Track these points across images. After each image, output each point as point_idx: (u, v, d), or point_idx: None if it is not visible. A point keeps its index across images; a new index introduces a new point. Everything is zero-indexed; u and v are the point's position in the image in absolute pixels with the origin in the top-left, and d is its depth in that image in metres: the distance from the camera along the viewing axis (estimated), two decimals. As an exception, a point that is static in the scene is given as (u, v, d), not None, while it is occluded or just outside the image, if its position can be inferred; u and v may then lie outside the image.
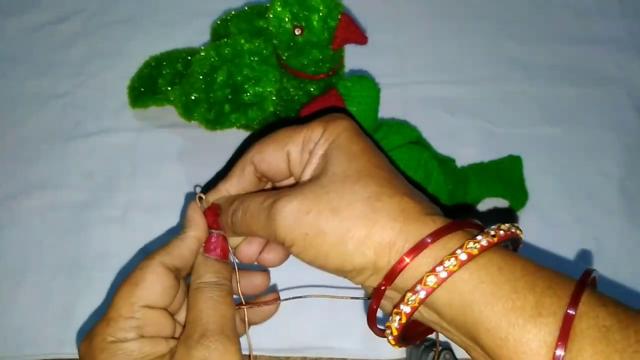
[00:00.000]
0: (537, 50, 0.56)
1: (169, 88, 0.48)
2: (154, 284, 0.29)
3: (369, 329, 0.29)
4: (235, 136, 0.49)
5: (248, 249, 0.32)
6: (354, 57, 0.56)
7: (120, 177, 0.49)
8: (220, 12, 0.56)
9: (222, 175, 0.33)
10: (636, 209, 0.47)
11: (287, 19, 0.41)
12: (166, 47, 0.53)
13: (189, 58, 0.49)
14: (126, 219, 0.47)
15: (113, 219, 0.47)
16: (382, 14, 0.59)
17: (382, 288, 0.26)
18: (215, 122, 0.45)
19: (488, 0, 0.60)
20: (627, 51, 0.56)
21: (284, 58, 0.43)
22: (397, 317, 0.26)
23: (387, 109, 0.52)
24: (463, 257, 0.24)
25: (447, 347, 0.39)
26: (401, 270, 0.25)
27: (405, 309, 0.26)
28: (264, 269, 0.34)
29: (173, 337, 0.30)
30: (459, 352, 0.40)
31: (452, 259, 0.24)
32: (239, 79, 0.44)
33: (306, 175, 0.29)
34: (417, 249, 0.25)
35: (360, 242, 0.26)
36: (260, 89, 0.44)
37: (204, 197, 0.32)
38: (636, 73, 0.55)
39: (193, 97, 0.45)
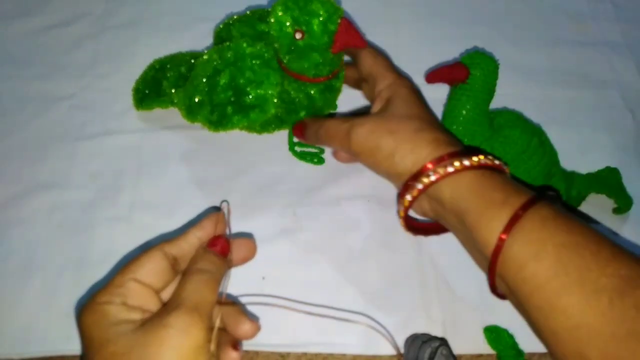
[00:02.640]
0: (532, 53, 0.57)
1: (173, 90, 0.49)
2: (147, 263, 0.33)
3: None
4: (238, 137, 0.50)
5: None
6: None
7: (125, 178, 0.50)
8: (222, 17, 0.57)
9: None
10: (631, 209, 0.47)
11: (288, 23, 0.42)
12: (170, 50, 0.54)
13: (192, 61, 0.50)
14: (131, 219, 0.47)
15: (118, 219, 0.47)
16: (380, 17, 0.60)
17: (411, 182, 0.38)
18: (218, 123, 0.46)
19: (484, 4, 0.61)
20: (621, 54, 0.57)
21: (285, 61, 0.44)
22: (416, 188, 0.38)
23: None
24: (466, 163, 0.36)
25: (443, 343, 0.40)
26: (425, 170, 0.37)
27: (419, 186, 0.37)
28: (253, 319, 0.35)
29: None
30: (455, 348, 0.41)
31: (459, 162, 0.36)
32: (241, 81, 0.45)
33: (375, 109, 0.43)
34: (439, 160, 0.37)
35: (404, 155, 0.38)
36: (262, 92, 0.45)
37: (228, 205, 0.37)
38: (630, 75, 0.56)
39: (196, 100, 0.46)
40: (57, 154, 0.51)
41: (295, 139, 0.50)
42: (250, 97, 0.45)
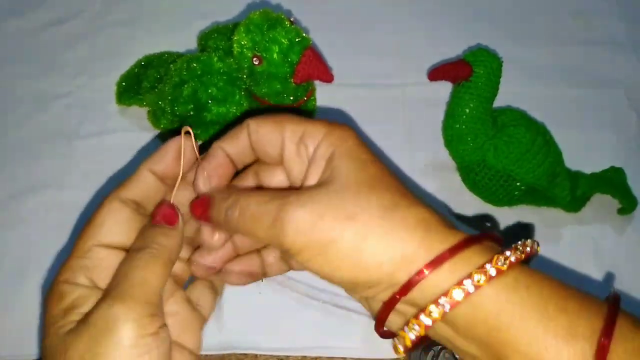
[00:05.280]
0: (536, 51, 0.57)
1: (150, 90, 0.48)
2: (106, 219, 0.27)
3: (369, 329, 0.30)
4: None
5: (204, 261, 0.30)
6: (353, 59, 0.56)
7: (122, 177, 0.49)
8: (221, 14, 0.56)
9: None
10: (636, 210, 0.47)
11: (247, 47, 0.40)
12: (167, 48, 0.53)
13: (171, 65, 0.49)
14: (128, 219, 0.47)
15: (115, 219, 0.47)
16: (382, 15, 0.60)
17: (397, 297, 0.25)
18: (177, 134, 0.45)
19: (487, 2, 0.61)
20: (626, 53, 0.57)
21: (247, 83, 0.43)
22: (416, 328, 0.26)
23: (387, 110, 0.53)
24: (492, 272, 0.24)
25: (446, 347, 0.39)
26: (418, 282, 0.25)
27: (426, 320, 0.25)
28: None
29: None
30: (458, 351, 0.40)
31: (482, 275, 0.24)
32: (204, 96, 0.43)
33: (311, 180, 0.28)
34: (438, 261, 0.25)
35: (378, 252, 0.25)
36: (224, 110, 0.43)
37: (190, 130, 0.30)
38: (634, 74, 0.55)
39: (161, 106, 0.45)
40: (53, 153, 0.50)
41: None
42: (211, 113, 0.43)
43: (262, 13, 0.40)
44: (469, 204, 0.47)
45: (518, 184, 0.44)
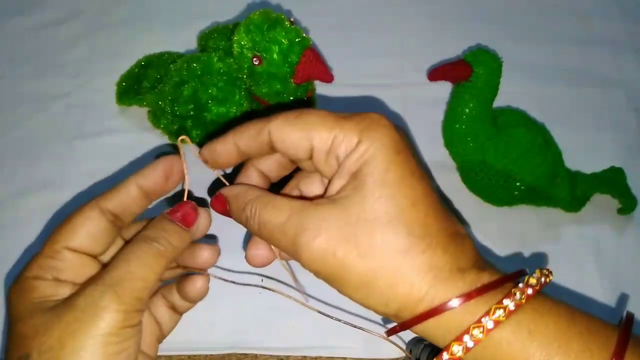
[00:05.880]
0: (536, 51, 0.57)
1: (150, 90, 0.48)
2: (81, 226, 0.28)
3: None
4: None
5: (260, 253, 0.31)
6: (353, 59, 0.56)
7: (121, 178, 0.49)
8: (221, 14, 0.56)
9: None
10: (636, 210, 0.47)
11: (247, 47, 0.40)
12: (167, 48, 0.54)
13: (171, 65, 0.49)
14: (128, 219, 0.47)
15: (115, 219, 0.47)
16: (382, 15, 0.60)
17: (397, 329, 0.27)
18: (177, 134, 0.45)
19: (487, 2, 0.61)
20: (626, 53, 0.57)
21: (247, 84, 0.43)
22: None
23: (387, 110, 0.53)
24: (490, 325, 0.25)
25: (446, 346, 0.39)
26: (418, 323, 0.26)
27: None
28: (213, 243, 0.32)
29: None
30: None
31: (479, 331, 0.25)
32: (204, 97, 0.43)
33: (333, 189, 0.27)
34: (438, 311, 0.25)
35: (385, 292, 0.26)
36: (224, 110, 0.43)
37: (186, 138, 0.31)
38: (634, 74, 0.55)
39: (161, 105, 0.45)
40: (53, 153, 0.50)
41: None
42: (211, 113, 0.43)
43: (262, 13, 0.40)
44: (469, 204, 0.47)
45: (518, 184, 0.44)
